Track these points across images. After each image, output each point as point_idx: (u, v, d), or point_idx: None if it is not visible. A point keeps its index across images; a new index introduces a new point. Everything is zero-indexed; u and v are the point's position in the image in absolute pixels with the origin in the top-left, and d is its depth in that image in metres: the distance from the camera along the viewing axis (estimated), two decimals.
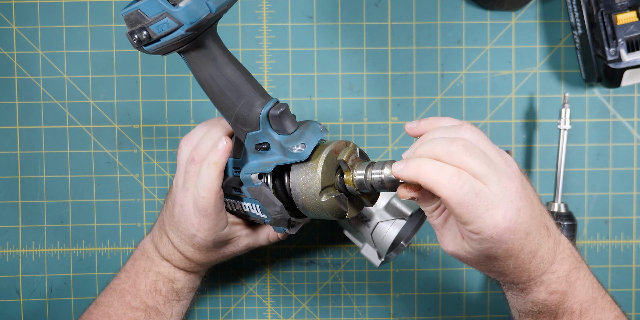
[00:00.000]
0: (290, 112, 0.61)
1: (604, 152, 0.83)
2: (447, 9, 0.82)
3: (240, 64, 0.61)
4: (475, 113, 0.83)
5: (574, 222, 0.77)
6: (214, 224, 0.65)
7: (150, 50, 0.57)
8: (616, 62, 0.76)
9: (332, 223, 0.83)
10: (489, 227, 0.52)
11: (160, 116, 0.83)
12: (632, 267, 0.84)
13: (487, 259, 0.55)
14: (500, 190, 0.52)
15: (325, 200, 0.59)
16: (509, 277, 0.58)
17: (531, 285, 0.58)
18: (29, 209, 0.83)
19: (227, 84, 0.59)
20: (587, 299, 0.60)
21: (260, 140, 0.61)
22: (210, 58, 0.59)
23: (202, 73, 0.60)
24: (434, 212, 0.57)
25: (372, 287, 0.84)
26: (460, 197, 0.51)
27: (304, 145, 0.59)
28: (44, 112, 0.82)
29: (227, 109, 0.61)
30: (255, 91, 0.60)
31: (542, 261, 0.57)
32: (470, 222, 0.52)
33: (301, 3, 0.82)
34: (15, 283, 0.83)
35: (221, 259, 0.72)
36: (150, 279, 0.70)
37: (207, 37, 0.58)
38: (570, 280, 0.59)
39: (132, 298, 0.69)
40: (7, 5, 0.82)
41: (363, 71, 0.83)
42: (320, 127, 0.61)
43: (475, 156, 0.52)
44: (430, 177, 0.52)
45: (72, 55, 0.82)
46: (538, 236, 0.56)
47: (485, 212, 0.52)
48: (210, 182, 0.62)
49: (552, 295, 0.59)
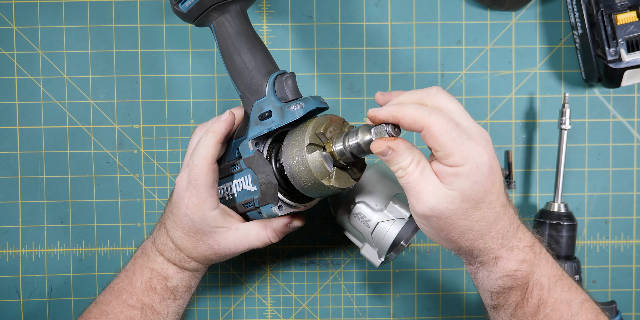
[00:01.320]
0: (295, 82, 0.65)
1: (604, 152, 0.83)
2: (447, 9, 0.82)
3: (259, 37, 0.67)
4: (475, 113, 0.83)
5: (574, 222, 0.77)
6: (202, 199, 0.65)
7: (184, 9, 0.66)
8: (616, 62, 0.76)
9: (332, 223, 0.83)
10: (474, 156, 0.54)
11: (160, 116, 0.83)
12: (632, 267, 0.84)
13: (469, 206, 0.55)
14: (478, 129, 0.56)
15: (310, 154, 0.60)
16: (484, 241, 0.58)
17: (503, 253, 0.59)
18: (29, 209, 0.83)
19: (245, 50, 0.65)
20: (554, 274, 0.60)
21: (265, 108, 0.64)
22: (233, 26, 0.66)
23: (224, 38, 0.66)
24: (410, 166, 0.56)
25: (372, 287, 0.84)
26: (443, 124, 0.54)
27: (301, 106, 0.63)
28: (44, 112, 0.82)
29: (240, 76, 0.66)
30: (268, 60, 0.65)
31: (511, 223, 0.59)
32: (454, 151, 0.54)
33: (301, 3, 0.82)
34: (15, 283, 0.83)
35: (212, 255, 0.70)
36: (146, 276, 0.70)
37: (233, 8, 0.66)
38: (535, 250, 0.60)
39: (128, 296, 0.69)
40: (7, 5, 0.82)
41: (363, 71, 0.83)
42: (322, 99, 0.65)
43: (453, 99, 0.57)
44: (411, 112, 0.55)
45: (72, 55, 0.82)
46: (506, 192, 0.59)
47: (467, 141, 0.54)
48: (205, 150, 0.64)
49: (522, 265, 0.59)
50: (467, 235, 0.58)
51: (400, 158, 0.56)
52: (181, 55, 0.82)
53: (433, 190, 0.55)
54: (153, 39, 0.82)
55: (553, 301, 0.60)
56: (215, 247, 0.69)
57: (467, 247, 0.59)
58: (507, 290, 0.60)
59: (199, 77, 0.83)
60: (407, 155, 0.56)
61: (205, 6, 0.66)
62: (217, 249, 0.69)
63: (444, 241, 0.59)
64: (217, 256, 0.70)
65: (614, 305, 0.77)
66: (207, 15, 0.67)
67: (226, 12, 0.66)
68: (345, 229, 0.75)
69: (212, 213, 0.66)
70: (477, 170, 0.54)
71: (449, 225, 0.57)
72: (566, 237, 0.76)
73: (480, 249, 0.59)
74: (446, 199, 0.55)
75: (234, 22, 0.66)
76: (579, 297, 0.61)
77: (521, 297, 0.60)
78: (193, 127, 0.83)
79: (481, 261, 0.60)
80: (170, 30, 0.82)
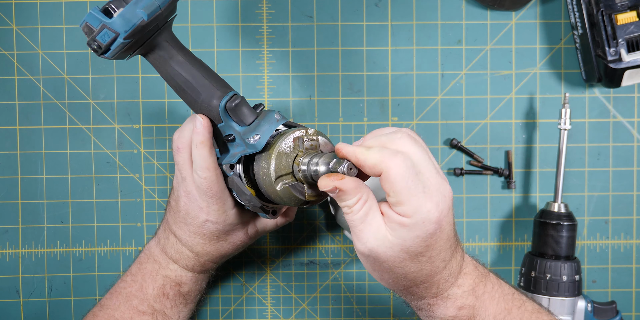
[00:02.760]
0: (246, 104, 0.64)
1: (604, 152, 0.83)
2: (447, 9, 0.82)
3: (198, 61, 0.64)
4: (475, 113, 0.83)
5: (574, 223, 0.77)
6: (222, 203, 0.66)
7: (109, 57, 0.61)
8: (616, 62, 0.76)
9: (332, 223, 0.83)
10: (423, 211, 0.53)
11: (160, 116, 0.83)
12: (632, 267, 0.84)
13: (408, 257, 0.55)
14: (437, 182, 0.54)
15: (280, 188, 0.61)
16: (418, 289, 0.58)
17: (438, 301, 0.59)
18: (29, 209, 0.83)
19: (185, 81, 0.63)
20: (500, 310, 0.60)
21: (226, 132, 0.64)
22: (167, 58, 0.63)
23: (163, 73, 0.64)
24: (356, 205, 0.55)
25: (372, 287, 0.84)
26: (402, 169, 0.52)
27: (258, 136, 0.62)
28: (44, 112, 0.82)
29: (192, 105, 0.64)
30: (212, 86, 0.63)
31: (450, 274, 0.58)
32: (406, 200, 0.52)
33: (301, 3, 0.82)
34: (15, 283, 0.83)
35: (232, 251, 0.71)
36: (158, 283, 0.70)
37: (160, 38, 0.62)
38: (477, 293, 0.59)
39: (139, 302, 0.69)
40: (7, 5, 0.82)
41: (363, 71, 0.83)
42: (277, 117, 0.64)
43: (419, 145, 0.55)
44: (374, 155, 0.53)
45: (72, 55, 0.82)
46: (454, 246, 0.57)
47: (421, 193, 0.53)
48: (204, 161, 0.64)
49: (461, 311, 0.59)
50: (401, 282, 0.58)
51: (347, 197, 0.55)
52: None
53: (375, 232, 0.55)
54: None
55: None
56: (237, 242, 0.70)
57: (400, 291, 0.59)
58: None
59: None
60: (354, 194, 0.55)
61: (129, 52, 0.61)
62: (239, 243, 0.71)
63: (380, 280, 0.59)
64: (236, 250, 0.72)
65: (614, 305, 0.77)
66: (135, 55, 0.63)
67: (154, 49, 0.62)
68: (345, 229, 0.75)
69: (232, 211, 0.67)
70: (422, 225, 0.53)
71: (384, 268, 0.56)
72: (566, 237, 0.76)
73: (413, 294, 0.59)
74: (385, 243, 0.54)
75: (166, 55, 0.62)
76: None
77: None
78: None
79: (416, 305, 0.60)
80: None
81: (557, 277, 0.75)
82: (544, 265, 0.76)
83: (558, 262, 0.75)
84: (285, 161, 0.62)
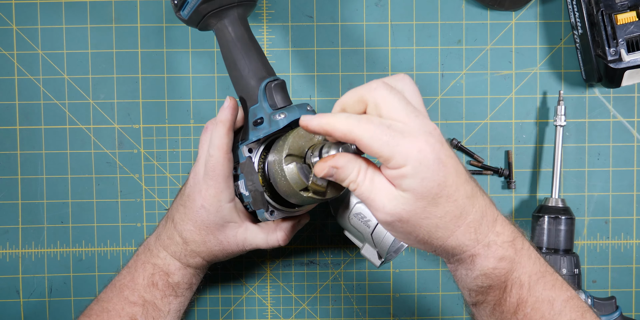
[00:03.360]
0: (285, 88, 0.67)
1: (604, 152, 0.83)
2: (447, 8, 0.82)
3: (256, 44, 0.68)
4: (475, 113, 0.83)
5: (571, 217, 0.77)
6: (218, 190, 0.66)
7: (184, 17, 0.69)
8: (616, 62, 0.76)
9: (332, 223, 0.83)
10: (414, 152, 0.51)
11: (160, 116, 0.83)
12: (632, 267, 0.84)
13: (427, 204, 0.53)
14: (418, 124, 0.52)
15: (287, 164, 0.61)
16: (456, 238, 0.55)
17: (480, 250, 0.56)
18: (29, 209, 0.83)
19: (240, 57, 0.67)
20: (535, 271, 0.58)
21: (257, 114, 0.66)
22: (232, 32, 0.68)
23: (223, 45, 0.68)
24: (358, 177, 0.54)
25: (372, 287, 0.84)
26: (371, 132, 0.51)
27: (284, 115, 0.64)
28: (44, 112, 0.82)
29: (237, 81, 0.68)
30: (261, 67, 0.67)
31: (484, 216, 0.55)
32: (391, 154, 0.51)
33: (301, 3, 0.82)
34: (15, 283, 0.83)
35: (218, 251, 0.70)
36: (148, 272, 0.70)
37: (232, 12, 0.68)
38: (516, 246, 0.57)
39: (130, 293, 0.69)
40: (7, 5, 0.82)
41: (363, 71, 0.83)
42: (308, 108, 0.66)
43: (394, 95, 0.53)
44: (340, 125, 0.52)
45: (72, 55, 0.82)
46: (471, 183, 0.55)
47: (402, 139, 0.51)
48: (218, 139, 0.65)
49: (500, 262, 0.56)
50: (436, 234, 0.55)
51: (347, 172, 0.54)
52: (181, 55, 0.82)
53: (386, 195, 0.53)
54: (153, 39, 0.82)
55: (534, 300, 0.57)
56: (224, 242, 0.70)
57: (440, 247, 0.56)
58: (486, 288, 0.58)
59: (199, 77, 0.83)
60: (352, 167, 0.54)
61: (202, 13, 0.68)
62: (226, 245, 0.70)
63: (417, 243, 0.57)
64: (223, 253, 0.71)
65: (613, 300, 0.77)
66: (207, 21, 0.69)
67: (224, 19, 0.68)
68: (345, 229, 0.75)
69: (227, 205, 0.67)
70: (421, 166, 0.51)
71: (413, 227, 0.54)
72: (565, 230, 0.77)
73: (454, 247, 0.56)
74: (400, 201, 0.53)
75: (232, 28, 0.68)
76: (563, 295, 0.59)
77: (499, 296, 0.58)
78: (193, 127, 0.83)
79: (459, 259, 0.58)
80: (170, 30, 0.82)
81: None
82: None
83: (557, 255, 0.76)
84: (301, 143, 0.61)
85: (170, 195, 0.83)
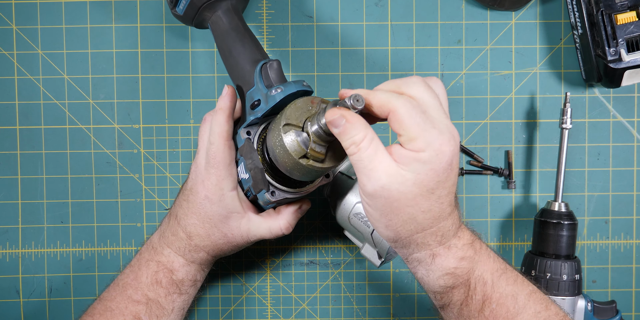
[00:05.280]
0: (280, 68, 0.66)
1: (604, 152, 0.83)
2: (447, 8, 0.82)
3: (250, 33, 0.69)
4: (475, 113, 0.83)
5: (574, 222, 0.77)
6: (221, 178, 0.66)
7: (180, 13, 0.70)
8: (616, 62, 0.76)
9: (332, 223, 0.83)
10: (436, 143, 0.53)
11: (160, 116, 0.83)
12: (632, 267, 0.84)
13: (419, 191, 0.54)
14: (446, 124, 0.55)
15: (285, 134, 0.60)
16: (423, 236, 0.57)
17: (441, 250, 0.58)
18: (29, 209, 0.83)
19: (234, 45, 0.68)
20: (496, 268, 0.60)
21: (255, 97, 0.66)
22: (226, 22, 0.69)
23: (217, 34, 0.69)
24: (363, 141, 0.54)
25: (372, 287, 0.84)
26: (408, 108, 0.53)
27: (280, 89, 0.64)
28: (44, 112, 0.82)
29: (233, 69, 0.68)
30: (256, 50, 0.68)
31: (453, 223, 0.58)
32: (417, 135, 0.53)
33: (301, 3, 0.82)
34: (15, 283, 0.83)
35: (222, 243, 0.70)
36: (152, 270, 0.70)
37: (224, 5, 0.69)
38: (475, 247, 0.59)
39: (133, 291, 0.69)
40: (7, 5, 0.82)
41: (363, 71, 0.83)
42: (304, 83, 0.65)
43: (431, 91, 0.56)
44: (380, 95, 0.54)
45: (72, 55, 0.82)
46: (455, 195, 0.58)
47: (432, 128, 0.53)
48: (219, 127, 0.66)
49: (461, 262, 0.58)
50: (408, 225, 0.56)
51: (354, 131, 0.54)
52: (181, 55, 0.82)
53: (386, 168, 0.54)
54: (153, 39, 0.82)
55: (498, 296, 0.59)
56: (228, 235, 0.69)
57: (405, 238, 0.57)
58: (450, 289, 0.59)
59: (199, 77, 0.83)
60: (361, 129, 0.54)
61: (196, 6, 0.69)
62: (230, 237, 0.70)
63: (384, 227, 0.57)
64: (228, 246, 0.71)
65: (614, 305, 0.77)
66: (202, 15, 0.70)
67: (217, 10, 0.70)
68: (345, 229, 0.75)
69: (230, 193, 0.67)
70: (436, 157, 0.53)
71: (394, 209, 0.55)
72: (567, 236, 0.76)
73: (417, 244, 0.58)
74: (398, 179, 0.54)
75: (226, 19, 0.69)
76: (526, 290, 0.60)
77: (464, 294, 0.59)
78: (193, 127, 0.83)
79: (417, 258, 0.59)
80: (170, 30, 0.82)
81: (557, 276, 0.75)
82: (544, 264, 0.76)
83: (558, 261, 0.76)
84: (298, 114, 0.61)
85: (170, 195, 0.83)
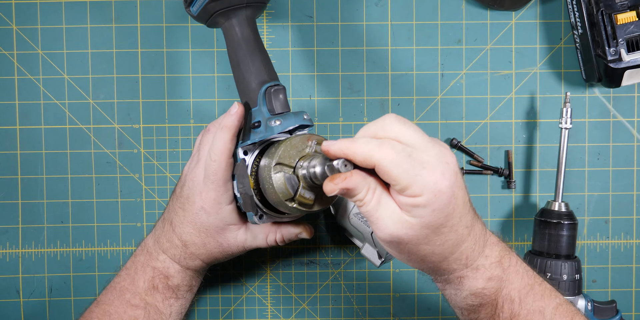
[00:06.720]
0: (285, 95, 0.67)
1: (604, 152, 0.83)
2: (447, 9, 0.82)
3: (262, 47, 0.69)
4: (475, 113, 0.83)
5: (574, 221, 0.77)
6: (219, 193, 0.66)
7: (194, 12, 0.69)
8: (616, 61, 0.76)
9: (332, 223, 0.83)
10: (430, 184, 0.52)
11: (160, 116, 0.83)
12: (632, 267, 0.84)
13: (430, 232, 0.54)
14: (436, 154, 0.54)
15: (275, 173, 0.61)
16: (447, 263, 0.57)
17: (468, 272, 0.58)
18: (29, 209, 0.83)
19: (244, 58, 0.67)
20: (524, 285, 0.60)
21: (255, 118, 0.66)
22: (239, 32, 0.68)
23: (229, 44, 0.68)
24: (367, 196, 0.55)
25: (372, 287, 0.84)
26: (393, 157, 0.52)
27: (279, 122, 0.65)
28: (44, 112, 0.82)
29: (239, 82, 0.68)
30: (264, 71, 0.67)
31: (476, 242, 0.58)
32: (409, 183, 0.52)
33: (301, 3, 0.82)
34: (15, 283, 0.83)
35: (218, 253, 0.70)
36: (148, 275, 0.70)
37: (241, 13, 0.68)
38: (503, 265, 0.59)
39: (131, 296, 0.69)
40: (7, 5, 0.82)
41: (363, 71, 0.83)
42: (305, 116, 0.66)
43: (410, 126, 0.55)
44: (362, 149, 0.53)
45: (72, 55, 0.82)
46: (471, 212, 0.57)
47: (422, 170, 0.52)
48: (222, 144, 0.65)
49: (489, 282, 0.59)
50: (429, 259, 0.57)
51: (356, 192, 0.54)
52: (181, 55, 0.82)
53: (391, 216, 0.54)
54: (153, 39, 0.82)
55: (525, 313, 0.59)
56: (224, 244, 0.70)
57: (429, 269, 0.59)
58: (477, 307, 0.60)
59: (199, 77, 0.83)
60: (362, 187, 0.54)
61: (210, 12, 0.68)
62: (226, 247, 0.70)
63: (406, 262, 0.59)
64: (224, 255, 0.71)
65: (614, 305, 0.77)
66: (215, 19, 0.69)
67: (232, 18, 0.68)
68: (345, 228, 0.75)
69: (227, 207, 0.67)
70: (435, 198, 0.53)
71: (410, 250, 0.56)
72: (567, 236, 0.76)
73: (444, 269, 0.59)
74: (405, 225, 0.54)
75: (239, 29, 0.68)
76: (553, 303, 0.60)
77: (492, 312, 0.60)
78: (193, 127, 0.83)
79: (446, 279, 0.60)
80: (170, 30, 0.82)
81: (557, 276, 0.75)
82: (545, 264, 0.76)
83: (558, 261, 0.75)
84: (292, 153, 0.62)
85: (170, 195, 0.83)
